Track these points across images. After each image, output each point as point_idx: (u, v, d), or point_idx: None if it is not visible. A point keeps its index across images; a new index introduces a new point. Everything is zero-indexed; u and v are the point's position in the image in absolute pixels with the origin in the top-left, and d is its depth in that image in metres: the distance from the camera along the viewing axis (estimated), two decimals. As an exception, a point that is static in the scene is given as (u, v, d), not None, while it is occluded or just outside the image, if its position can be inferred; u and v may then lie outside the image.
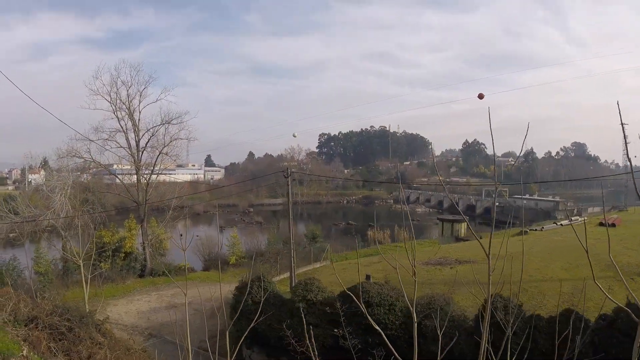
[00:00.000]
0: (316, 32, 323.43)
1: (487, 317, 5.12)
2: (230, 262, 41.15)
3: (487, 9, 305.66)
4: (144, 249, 38.35)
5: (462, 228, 49.41)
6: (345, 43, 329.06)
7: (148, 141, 41.15)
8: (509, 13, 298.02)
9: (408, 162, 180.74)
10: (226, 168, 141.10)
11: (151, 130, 41.11)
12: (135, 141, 40.62)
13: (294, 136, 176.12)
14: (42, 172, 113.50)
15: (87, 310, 15.84)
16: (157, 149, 41.16)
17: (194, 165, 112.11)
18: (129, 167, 44.91)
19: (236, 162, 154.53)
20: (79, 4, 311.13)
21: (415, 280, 5.52)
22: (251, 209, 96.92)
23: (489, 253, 4.80)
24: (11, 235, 40.60)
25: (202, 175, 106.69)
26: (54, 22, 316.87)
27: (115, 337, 14.35)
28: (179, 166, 46.92)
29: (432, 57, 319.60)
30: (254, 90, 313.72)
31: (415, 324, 5.52)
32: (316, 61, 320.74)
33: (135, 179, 42.26)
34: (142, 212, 39.42)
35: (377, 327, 5.89)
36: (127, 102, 40.07)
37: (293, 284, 25.41)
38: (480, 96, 32.99)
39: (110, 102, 39.44)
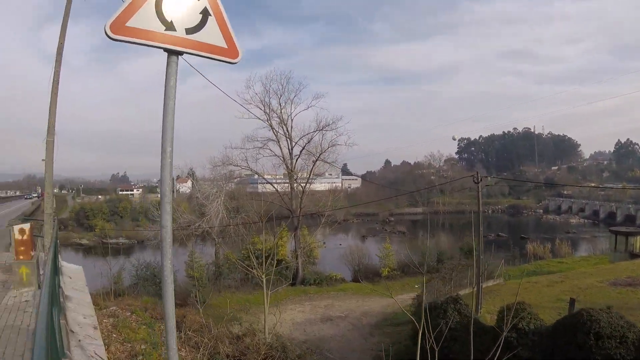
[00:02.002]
0: (444, 34, 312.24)
1: None
2: (383, 274, 38.73)
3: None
4: (296, 257, 37.12)
5: (638, 242, 42.85)
6: (476, 42, 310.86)
7: (303, 148, 40.77)
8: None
9: (556, 167, 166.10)
10: (363, 176, 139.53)
11: (306, 137, 40.84)
12: (288, 149, 40.30)
13: (454, 139, 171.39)
14: (189, 182, 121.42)
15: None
16: (313, 156, 40.60)
17: (330, 174, 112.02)
18: (269, 175, 44.73)
19: (372, 171, 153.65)
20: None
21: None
22: (392, 218, 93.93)
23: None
24: (153, 238, 41.83)
25: (340, 184, 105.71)
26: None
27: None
28: (317, 175, 45.55)
29: (571, 49, 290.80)
30: (384, 99, 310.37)
31: None
32: (447, 64, 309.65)
33: (283, 187, 42.10)
34: (296, 220, 38.49)
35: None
36: (278, 110, 39.96)
37: (480, 306, 22.24)
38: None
39: (263, 111, 39.74)
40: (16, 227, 11.14)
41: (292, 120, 40.75)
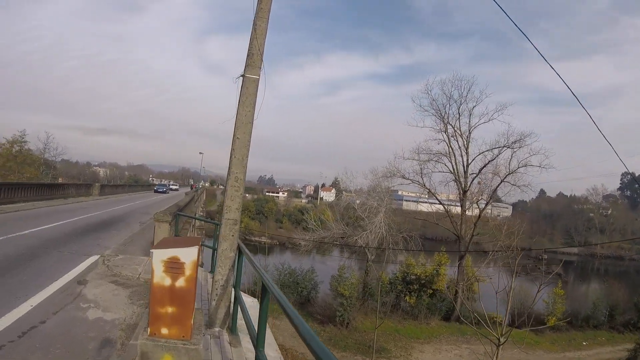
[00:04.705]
0: (606, 53, 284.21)
1: None
2: (549, 324, 33.48)
3: None
4: (456, 290, 33.18)
5: None
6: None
7: (484, 166, 36.49)
8: None
9: None
10: (514, 205, 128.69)
11: (486, 153, 36.53)
12: (463, 165, 36.30)
13: None
14: (333, 190, 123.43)
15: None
16: (497, 175, 36.22)
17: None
18: (413, 194, 41.43)
19: (524, 200, 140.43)
20: (364, 44, 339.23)
21: None
22: (545, 256, 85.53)
23: None
24: (302, 243, 39.97)
25: (489, 211, 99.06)
26: (343, 61, 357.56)
27: None
28: (496, 200, 41.25)
29: None
30: (542, 122, 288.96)
31: None
32: (609, 86, 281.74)
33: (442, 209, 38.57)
34: (463, 247, 34.58)
35: None
36: (454, 121, 36.77)
37: None
38: None
39: (440, 120, 37.16)
40: (159, 253, 4.89)
41: (470, 132, 36.56)
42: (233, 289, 7.10)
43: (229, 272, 7.00)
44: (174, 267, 4.80)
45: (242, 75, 7.01)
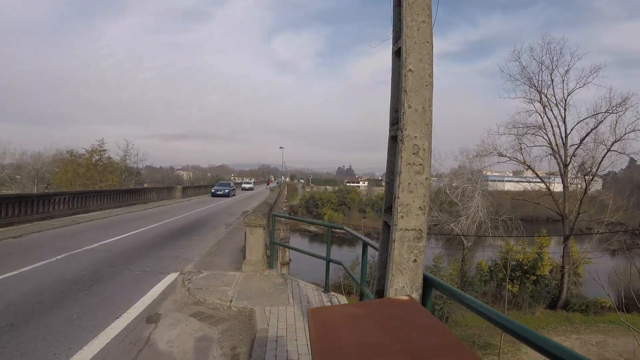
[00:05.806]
0: None
1: None
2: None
3: None
4: (561, 275, 31.48)
5: None
6: None
7: (587, 135, 33.78)
8: None
9: None
10: (604, 178, 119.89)
11: (588, 120, 33.73)
12: (561, 137, 34.19)
13: None
14: None
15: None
16: (602, 144, 33.44)
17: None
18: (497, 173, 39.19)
19: (615, 172, 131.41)
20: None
21: None
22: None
23: None
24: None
25: (579, 186, 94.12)
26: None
27: None
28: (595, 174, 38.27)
29: None
30: (621, 86, 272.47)
31: None
32: None
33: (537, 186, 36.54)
34: (568, 228, 32.64)
35: None
36: (546, 89, 34.45)
37: None
38: None
39: (532, 87, 34.82)
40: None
41: (566, 100, 33.82)
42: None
43: None
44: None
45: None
